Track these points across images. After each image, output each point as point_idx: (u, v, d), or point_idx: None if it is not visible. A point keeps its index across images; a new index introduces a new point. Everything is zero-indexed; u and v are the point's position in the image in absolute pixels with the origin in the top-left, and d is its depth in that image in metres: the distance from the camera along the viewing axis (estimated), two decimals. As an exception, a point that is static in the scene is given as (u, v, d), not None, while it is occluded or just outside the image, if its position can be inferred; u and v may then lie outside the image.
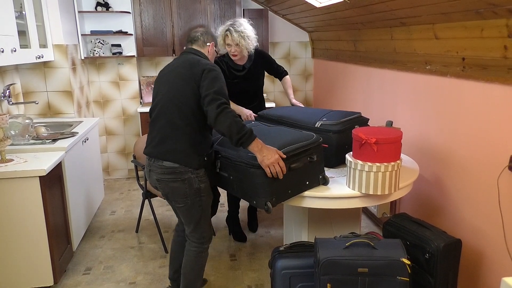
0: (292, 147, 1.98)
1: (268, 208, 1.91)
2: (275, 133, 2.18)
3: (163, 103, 2.11)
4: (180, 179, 2.10)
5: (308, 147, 2.02)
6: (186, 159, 2.08)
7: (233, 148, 2.07)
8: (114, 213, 3.83)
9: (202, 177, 2.15)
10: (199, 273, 2.34)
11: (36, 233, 2.42)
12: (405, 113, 2.95)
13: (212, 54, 2.34)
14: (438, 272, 2.06)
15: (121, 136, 4.70)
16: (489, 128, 2.12)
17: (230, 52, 2.91)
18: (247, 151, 1.97)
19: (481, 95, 2.16)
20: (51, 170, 2.45)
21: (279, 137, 2.08)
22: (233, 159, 2.03)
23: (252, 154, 1.92)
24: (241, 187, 2.05)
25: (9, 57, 2.63)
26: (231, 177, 2.09)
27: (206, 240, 2.28)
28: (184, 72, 2.10)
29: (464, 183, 2.34)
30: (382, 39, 3.06)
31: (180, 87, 2.08)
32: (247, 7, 4.60)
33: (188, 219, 2.22)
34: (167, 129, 2.09)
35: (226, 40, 2.86)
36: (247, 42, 2.85)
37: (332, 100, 4.46)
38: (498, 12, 1.86)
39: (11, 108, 3.40)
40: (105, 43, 4.37)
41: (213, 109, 1.97)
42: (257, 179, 1.92)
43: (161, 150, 2.10)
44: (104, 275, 2.82)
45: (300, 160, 2.00)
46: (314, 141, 2.05)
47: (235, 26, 2.83)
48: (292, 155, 1.97)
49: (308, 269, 2.05)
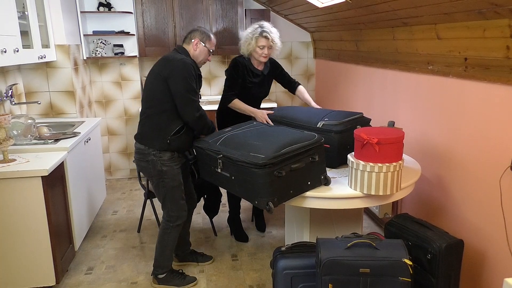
0: (293, 147, 1.98)
1: (270, 208, 1.91)
2: (277, 133, 2.17)
3: (143, 97, 2.49)
4: (145, 160, 2.45)
5: (310, 147, 2.02)
6: (149, 141, 2.42)
7: (236, 147, 2.07)
8: (116, 213, 3.84)
9: (166, 161, 2.42)
10: (164, 250, 2.59)
11: (38, 233, 2.43)
12: (407, 113, 2.95)
13: (199, 51, 2.48)
14: (440, 272, 2.06)
15: (123, 136, 4.71)
16: (491, 129, 2.11)
17: (261, 54, 2.86)
18: (249, 151, 1.97)
19: (483, 96, 2.15)
20: (53, 170, 2.45)
21: (280, 137, 2.08)
22: (234, 159, 2.03)
23: (254, 154, 1.92)
24: (242, 187, 2.04)
25: (12, 57, 2.63)
26: (232, 177, 2.08)
27: (172, 220, 2.53)
28: (155, 69, 2.42)
29: (466, 183, 2.33)
30: (384, 39, 3.05)
31: (151, 81, 2.42)
32: (249, 7, 4.60)
33: (157, 196, 2.57)
34: (141, 117, 2.49)
35: (260, 41, 2.82)
36: (278, 46, 2.89)
37: (334, 100, 4.45)
38: (501, 12, 1.85)
39: (14, 108, 3.41)
40: (107, 43, 4.37)
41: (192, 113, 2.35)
42: (259, 179, 1.91)
43: (136, 134, 2.51)
44: (106, 274, 2.82)
45: (302, 160, 1.99)
46: (315, 141, 2.05)
47: (268, 28, 2.83)
48: (293, 155, 1.96)
49: (309, 269, 2.05)
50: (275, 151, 1.93)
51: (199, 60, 2.52)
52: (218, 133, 2.37)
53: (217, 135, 2.32)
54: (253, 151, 1.97)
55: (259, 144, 2.04)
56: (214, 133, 2.42)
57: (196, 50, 2.48)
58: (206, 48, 2.50)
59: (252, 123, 2.46)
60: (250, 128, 2.37)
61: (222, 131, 2.40)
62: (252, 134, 2.23)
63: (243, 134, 2.26)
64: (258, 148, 1.98)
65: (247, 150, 1.98)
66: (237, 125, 2.46)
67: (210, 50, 2.52)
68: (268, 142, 2.01)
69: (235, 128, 2.39)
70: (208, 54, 2.54)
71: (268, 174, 1.89)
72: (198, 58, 2.51)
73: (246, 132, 2.29)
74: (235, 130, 2.35)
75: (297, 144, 2.00)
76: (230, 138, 2.22)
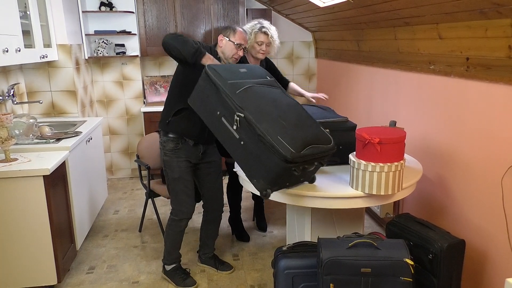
0: (315, 149, 1.88)
1: (266, 194, 1.88)
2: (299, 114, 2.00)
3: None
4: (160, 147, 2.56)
5: (327, 153, 1.96)
6: (160, 123, 2.53)
7: (261, 113, 1.88)
8: (117, 213, 3.84)
9: (168, 151, 2.47)
10: (166, 242, 2.66)
11: (40, 232, 2.43)
12: (409, 113, 2.94)
13: (224, 46, 2.47)
14: (442, 272, 2.06)
15: (125, 136, 4.71)
16: (493, 128, 2.11)
17: (259, 50, 2.83)
18: (277, 132, 1.82)
19: (485, 95, 2.15)
20: (55, 170, 2.45)
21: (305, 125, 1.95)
22: (260, 132, 1.82)
23: (283, 141, 1.80)
24: (248, 159, 1.90)
25: (14, 56, 2.64)
26: (242, 142, 1.90)
27: (173, 213, 2.58)
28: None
29: (468, 183, 2.33)
30: (385, 39, 3.05)
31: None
32: (251, 7, 4.60)
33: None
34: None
35: (259, 37, 2.79)
36: (277, 44, 2.87)
37: (335, 100, 4.45)
38: (503, 11, 1.85)
39: (16, 107, 3.41)
40: (109, 43, 4.38)
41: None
42: (275, 168, 1.81)
43: None
44: (107, 274, 2.83)
45: (315, 163, 1.95)
46: (331, 147, 1.98)
47: (268, 25, 2.81)
48: (312, 158, 1.90)
49: (311, 269, 2.05)
50: (301, 147, 1.82)
51: (226, 56, 2.47)
52: (234, 73, 2.08)
53: (235, 77, 2.04)
54: (281, 134, 1.82)
55: (287, 127, 1.87)
56: (229, 68, 2.14)
57: (222, 46, 2.47)
58: (231, 42, 2.43)
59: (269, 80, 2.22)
60: (272, 89, 2.11)
61: (238, 71, 2.13)
62: (278, 102, 2.00)
63: (270, 98, 2.01)
64: (286, 134, 1.83)
65: (274, 127, 1.82)
66: (254, 73, 2.20)
67: (235, 43, 2.43)
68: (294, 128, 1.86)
69: (255, 77, 2.14)
70: (236, 48, 2.45)
71: (286, 168, 1.81)
72: (225, 54, 2.47)
73: (271, 95, 2.04)
74: (257, 83, 2.08)
75: (318, 145, 1.91)
76: (254, 94, 1.97)
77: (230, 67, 2.18)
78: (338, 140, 2.36)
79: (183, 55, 2.22)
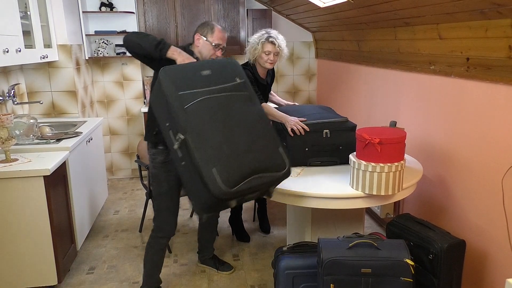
0: (256, 181, 1.77)
1: (202, 218, 1.92)
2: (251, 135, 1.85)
3: None
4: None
5: (274, 182, 1.88)
6: (145, 134, 2.34)
7: (208, 148, 1.74)
8: (117, 213, 3.84)
9: (157, 164, 2.29)
10: (147, 263, 2.46)
11: (40, 233, 2.43)
12: (409, 113, 2.94)
13: (201, 46, 2.29)
14: (442, 273, 2.05)
15: (125, 136, 4.71)
16: (493, 129, 2.11)
17: (267, 60, 2.75)
18: (211, 158, 1.71)
19: (486, 96, 2.15)
20: (55, 170, 2.46)
21: (250, 148, 1.81)
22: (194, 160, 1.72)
23: (214, 172, 1.69)
24: (187, 180, 1.83)
25: (14, 57, 2.64)
26: (183, 162, 1.80)
27: (154, 229, 2.41)
28: None
29: (468, 183, 2.33)
30: (386, 39, 3.05)
31: None
32: (251, 7, 4.60)
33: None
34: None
35: (266, 47, 2.72)
36: (285, 53, 2.82)
37: (335, 100, 4.45)
38: (503, 12, 1.85)
39: (16, 108, 3.42)
40: (109, 43, 4.38)
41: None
42: (204, 197, 1.75)
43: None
44: (107, 274, 2.83)
45: (258, 192, 1.86)
46: (282, 175, 1.86)
47: (275, 34, 2.76)
48: (253, 190, 1.79)
49: (311, 269, 2.05)
50: (238, 181, 1.70)
51: (203, 56, 2.30)
52: (191, 79, 1.85)
53: (190, 84, 1.82)
54: (218, 166, 1.69)
55: (229, 155, 1.73)
56: (188, 72, 1.88)
57: (199, 46, 2.29)
58: (208, 43, 2.27)
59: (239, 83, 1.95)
60: (232, 99, 1.87)
61: (199, 75, 1.87)
62: (230, 120, 1.81)
63: (222, 115, 1.81)
64: (224, 166, 1.70)
65: (212, 157, 1.70)
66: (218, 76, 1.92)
67: (212, 44, 2.26)
68: (238, 155, 1.74)
69: (218, 81, 1.89)
70: (213, 49, 2.29)
71: (218, 201, 1.72)
72: (203, 55, 2.30)
73: (225, 110, 1.83)
74: (216, 91, 1.85)
75: (264, 174, 1.77)
76: (204, 111, 1.78)
77: (190, 69, 1.91)
78: (338, 140, 2.38)
79: (146, 50, 2.05)
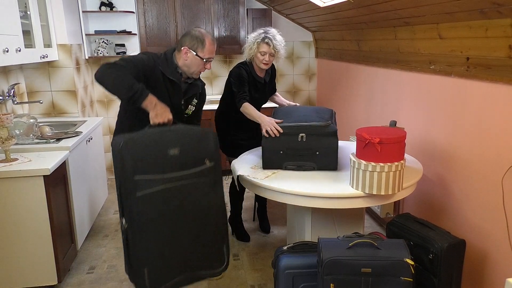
0: (186, 280, 1.97)
1: None
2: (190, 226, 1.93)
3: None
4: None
5: (207, 278, 2.09)
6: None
7: (145, 247, 1.77)
8: (117, 212, 3.84)
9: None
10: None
11: (40, 232, 2.43)
12: (409, 113, 2.94)
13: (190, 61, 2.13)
14: (442, 272, 2.06)
15: (125, 136, 4.70)
16: (493, 128, 2.11)
17: (262, 61, 2.77)
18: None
19: (486, 95, 2.15)
20: (55, 170, 2.45)
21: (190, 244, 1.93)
22: (131, 255, 1.87)
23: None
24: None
25: (14, 56, 2.64)
26: (125, 236, 1.91)
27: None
28: None
29: (468, 183, 2.33)
30: (385, 38, 3.05)
31: None
32: (251, 7, 4.60)
33: None
34: None
35: (261, 47, 2.72)
36: (281, 54, 2.81)
37: (335, 100, 4.45)
38: (503, 11, 1.85)
39: (16, 107, 3.41)
40: (109, 43, 4.38)
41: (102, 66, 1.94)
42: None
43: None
44: (107, 274, 2.83)
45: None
46: (216, 273, 2.07)
47: (272, 35, 2.75)
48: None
49: (311, 269, 2.05)
50: (167, 280, 1.85)
51: (191, 71, 2.17)
52: (154, 163, 1.74)
53: (151, 168, 1.73)
54: (150, 264, 1.80)
55: (165, 254, 1.82)
56: (153, 150, 1.74)
57: (187, 60, 2.13)
58: (199, 58, 2.11)
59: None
60: (193, 185, 1.84)
61: (165, 155, 1.76)
62: (181, 214, 1.82)
63: (173, 207, 1.81)
64: (156, 265, 1.79)
65: (147, 254, 1.79)
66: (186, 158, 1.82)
67: (203, 59, 2.12)
68: (176, 254, 1.84)
69: (184, 166, 1.81)
70: (203, 64, 2.15)
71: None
72: (190, 69, 2.16)
73: (178, 201, 1.81)
74: (177, 178, 1.79)
75: (195, 272, 1.94)
76: (157, 202, 1.77)
77: (156, 147, 1.75)
78: (315, 145, 2.27)
79: (119, 96, 1.92)
